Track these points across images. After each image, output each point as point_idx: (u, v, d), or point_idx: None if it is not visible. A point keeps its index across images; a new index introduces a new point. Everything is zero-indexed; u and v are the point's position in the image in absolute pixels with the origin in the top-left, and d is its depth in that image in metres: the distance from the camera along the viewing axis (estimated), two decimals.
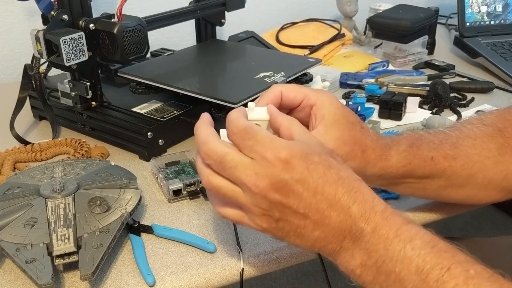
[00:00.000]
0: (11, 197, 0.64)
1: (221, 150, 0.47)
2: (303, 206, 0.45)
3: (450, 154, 0.60)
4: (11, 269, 0.59)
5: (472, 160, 0.60)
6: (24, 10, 1.18)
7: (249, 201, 0.46)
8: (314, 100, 0.54)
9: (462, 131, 0.63)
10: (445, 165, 0.59)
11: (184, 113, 0.86)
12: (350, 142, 0.54)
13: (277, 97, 0.55)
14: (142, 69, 0.92)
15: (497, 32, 1.28)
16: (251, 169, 0.45)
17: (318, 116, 0.54)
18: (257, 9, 1.44)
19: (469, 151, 0.61)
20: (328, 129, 0.53)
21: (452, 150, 0.60)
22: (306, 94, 0.55)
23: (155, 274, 0.58)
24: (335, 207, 0.45)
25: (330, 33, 1.30)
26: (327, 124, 0.53)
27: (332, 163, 0.46)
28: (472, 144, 0.61)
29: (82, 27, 0.80)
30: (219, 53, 1.02)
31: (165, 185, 0.71)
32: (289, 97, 0.55)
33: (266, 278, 1.62)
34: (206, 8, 1.00)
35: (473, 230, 1.86)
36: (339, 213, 0.45)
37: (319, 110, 0.54)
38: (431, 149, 0.59)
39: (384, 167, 0.57)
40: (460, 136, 0.62)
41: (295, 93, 0.55)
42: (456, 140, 0.61)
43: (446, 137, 0.62)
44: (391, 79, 1.08)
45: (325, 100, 0.54)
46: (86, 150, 0.82)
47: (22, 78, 0.88)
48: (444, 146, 0.60)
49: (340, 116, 0.54)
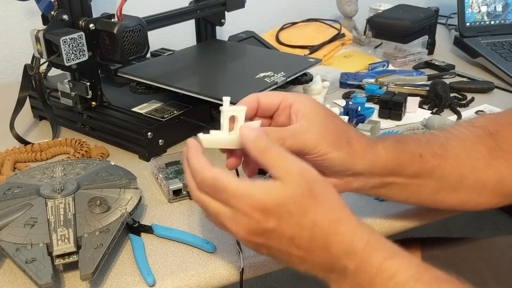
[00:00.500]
0: (11, 197, 0.64)
1: (203, 201, 0.48)
2: (285, 248, 0.47)
3: (439, 153, 0.59)
4: (11, 269, 0.59)
5: (461, 160, 0.60)
6: (24, 10, 1.18)
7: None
8: (292, 100, 0.54)
9: (451, 132, 0.62)
10: (434, 163, 0.59)
11: (184, 113, 0.86)
12: (334, 131, 0.54)
13: (253, 103, 0.54)
14: (142, 69, 0.92)
15: (497, 32, 1.28)
16: (231, 218, 0.47)
17: (299, 113, 0.53)
18: (257, 9, 1.44)
19: (458, 151, 0.60)
20: (311, 120, 0.53)
21: (440, 149, 0.59)
22: (283, 97, 0.55)
23: (155, 274, 0.58)
24: (315, 248, 0.47)
25: (330, 33, 1.30)
26: (309, 117, 0.53)
27: (308, 207, 0.46)
28: (461, 145, 0.60)
29: (82, 27, 0.80)
30: (219, 53, 1.02)
31: (165, 185, 0.71)
32: (267, 102, 0.55)
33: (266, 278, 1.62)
34: (206, 8, 1.00)
35: (473, 230, 1.86)
36: (320, 253, 0.47)
37: (299, 108, 0.53)
38: (419, 147, 0.59)
39: (373, 159, 0.56)
40: (448, 137, 0.61)
41: (271, 98, 0.55)
42: (445, 140, 0.60)
43: (434, 137, 0.61)
44: (391, 79, 1.08)
45: (303, 99, 0.54)
46: (86, 150, 0.82)
47: (22, 78, 0.88)
48: (432, 145, 0.60)
49: (321, 110, 0.54)
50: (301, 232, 0.46)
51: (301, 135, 0.52)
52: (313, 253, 0.47)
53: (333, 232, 0.46)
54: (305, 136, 0.52)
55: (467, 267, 0.73)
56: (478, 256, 0.74)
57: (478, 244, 0.77)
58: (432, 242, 0.78)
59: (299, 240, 0.46)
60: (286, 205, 0.46)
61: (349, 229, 0.47)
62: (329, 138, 0.53)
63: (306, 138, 0.52)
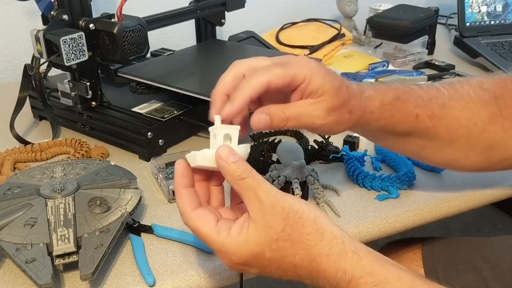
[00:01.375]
0: (11, 197, 0.64)
1: (202, 233, 0.48)
2: (278, 278, 0.48)
3: (437, 114, 0.58)
4: (11, 269, 0.59)
5: (458, 123, 0.59)
6: (24, 10, 1.18)
7: None
8: (301, 80, 0.51)
9: (457, 91, 0.61)
10: (429, 124, 0.58)
11: (184, 113, 0.86)
12: (338, 107, 0.53)
13: (263, 88, 0.50)
14: (142, 69, 0.92)
15: (497, 32, 1.28)
16: (221, 257, 0.48)
17: (304, 93, 0.52)
18: (257, 9, 1.44)
19: (458, 113, 0.59)
20: (316, 101, 0.52)
21: (439, 110, 0.59)
22: (294, 76, 0.51)
23: (155, 274, 0.58)
24: (305, 281, 0.47)
25: (330, 33, 1.30)
26: (315, 97, 0.52)
27: (285, 251, 0.46)
28: (463, 106, 0.59)
29: (82, 27, 0.80)
30: (219, 53, 1.02)
31: (165, 185, 0.71)
32: (277, 85, 0.50)
33: (266, 278, 1.62)
34: (206, 8, 1.00)
35: (473, 230, 1.86)
36: (312, 284, 0.47)
37: (305, 88, 0.52)
38: (417, 106, 0.58)
39: (369, 120, 0.56)
40: (453, 96, 0.60)
41: (283, 80, 0.51)
42: (448, 100, 0.59)
43: (438, 94, 0.60)
44: (391, 79, 1.08)
45: (312, 74, 0.51)
46: (86, 150, 0.81)
47: (22, 78, 0.88)
48: (433, 105, 0.59)
49: (329, 85, 0.52)
50: (286, 273, 0.47)
51: (306, 116, 0.52)
52: (306, 282, 0.48)
53: (316, 270, 0.46)
54: (310, 116, 0.52)
55: (467, 267, 0.73)
56: (478, 256, 0.74)
57: (478, 244, 0.77)
58: (432, 242, 0.78)
59: (287, 277, 0.48)
60: (263, 253, 0.46)
61: (331, 265, 0.45)
62: (333, 116, 0.53)
63: (311, 119, 0.52)
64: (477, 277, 0.72)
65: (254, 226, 0.46)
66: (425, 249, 0.78)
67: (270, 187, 0.46)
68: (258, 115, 0.51)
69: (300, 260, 0.46)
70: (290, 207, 0.46)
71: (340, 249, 0.45)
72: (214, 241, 0.47)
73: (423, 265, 0.76)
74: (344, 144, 0.82)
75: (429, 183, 0.74)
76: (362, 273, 0.45)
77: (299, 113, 0.52)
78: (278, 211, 0.45)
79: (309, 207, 0.47)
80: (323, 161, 0.80)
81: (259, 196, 0.45)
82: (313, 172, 0.70)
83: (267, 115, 0.51)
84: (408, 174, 0.72)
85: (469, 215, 1.89)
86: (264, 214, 0.45)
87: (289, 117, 0.52)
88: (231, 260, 0.47)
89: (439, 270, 0.74)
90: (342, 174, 0.77)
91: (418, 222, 0.68)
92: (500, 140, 0.60)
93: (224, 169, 0.46)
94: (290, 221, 0.45)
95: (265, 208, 0.45)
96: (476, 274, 0.72)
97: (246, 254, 0.46)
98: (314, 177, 0.69)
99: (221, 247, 0.46)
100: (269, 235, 0.45)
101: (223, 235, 0.46)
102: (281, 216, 0.45)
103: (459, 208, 0.71)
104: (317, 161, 0.81)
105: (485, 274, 0.71)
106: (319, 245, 0.45)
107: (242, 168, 0.46)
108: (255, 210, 0.45)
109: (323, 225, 0.46)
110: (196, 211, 0.48)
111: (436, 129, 0.59)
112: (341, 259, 0.45)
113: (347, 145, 0.81)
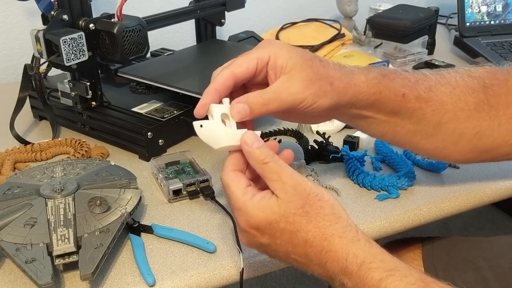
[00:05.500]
0: (11, 197, 0.64)
1: (231, 189, 0.51)
2: (284, 257, 0.51)
3: (424, 96, 0.58)
4: (11, 269, 0.59)
5: (445, 107, 0.59)
6: (24, 10, 1.18)
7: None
8: (266, 56, 0.53)
9: (444, 77, 0.61)
10: (416, 106, 0.58)
11: (184, 113, 0.86)
12: (316, 78, 0.53)
13: (228, 82, 0.53)
14: (142, 69, 0.92)
15: (497, 32, 1.28)
16: (235, 221, 0.53)
17: (277, 68, 0.52)
18: (257, 9, 1.44)
19: (444, 98, 0.59)
20: (291, 75, 0.52)
21: (426, 92, 0.59)
22: (257, 56, 0.53)
23: (155, 274, 0.58)
24: (311, 263, 0.49)
25: (330, 33, 1.30)
26: (287, 71, 0.52)
27: (300, 225, 0.48)
28: (450, 91, 0.59)
29: (82, 27, 0.80)
30: (219, 53, 1.02)
31: (165, 185, 0.71)
32: (243, 72, 0.53)
33: (266, 278, 1.62)
34: (206, 8, 1.00)
35: (473, 230, 1.86)
36: (317, 268, 0.49)
37: (275, 62, 0.52)
38: (404, 85, 0.58)
39: (355, 93, 0.56)
40: (440, 81, 0.60)
41: (247, 65, 0.53)
42: (434, 84, 0.59)
43: (424, 78, 0.60)
44: None
45: (277, 50, 0.53)
46: (86, 150, 0.82)
47: (22, 78, 0.88)
48: (419, 86, 0.59)
49: (297, 58, 0.53)
50: (295, 249, 0.48)
51: (285, 93, 0.52)
52: (312, 266, 0.49)
53: (326, 249, 0.47)
54: (289, 93, 0.52)
55: (467, 267, 0.73)
56: (478, 256, 0.74)
57: (478, 244, 0.77)
58: (432, 242, 0.78)
59: (295, 255, 0.49)
60: (278, 223, 0.48)
61: (342, 247, 0.47)
62: (313, 87, 0.53)
63: (291, 95, 0.52)
64: (477, 277, 0.72)
65: (275, 198, 0.48)
66: (425, 249, 0.78)
67: (292, 171, 0.49)
68: (235, 105, 0.52)
69: (312, 236, 0.47)
70: (311, 189, 0.48)
71: (353, 235, 0.48)
72: (237, 199, 0.49)
73: (423, 264, 0.76)
74: (344, 144, 0.82)
75: (429, 183, 0.74)
76: (373, 259, 0.47)
77: (278, 91, 0.52)
78: (299, 191, 0.48)
79: (329, 194, 0.50)
80: (323, 161, 0.80)
81: (282, 178, 0.48)
82: (313, 172, 0.70)
83: (245, 103, 0.52)
84: (408, 174, 0.73)
85: (469, 215, 1.89)
86: (286, 192, 0.48)
87: (269, 100, 0.52)
88: (247, 221, 0.49)
89: (439, 270, 0.74)
90: (342, 174, 0.77)
91: (418, 222, 0.69)
92: (487, 128, 0.60)
93: (248, 153, 0.50)
94: (310, 201, 0.48)
95: (287, 187, 0.48)
96: (476, 274, 0.72)
97: (261, 219, 0.48)
98: (314, 177, 0.69)
99: (241, 206, 0.49)
100: (288, 208, 0.48)
101: (247, 197, 0.49)
102: (301, 196, 0.48)
103: (459, 208, 0.71)
104: (317, 161, 0.81)
105: (485, 274, 0.71)
106: (333, 226, 0.48)
107: (265, 153, 0.49)
108: (278, 189, 0.48)
109: (340, 211, 0.49)
110: (235, 171, 0.51)
111: (423, 111, 0.59)
112: (353, 244, 0.47)
113: (347, 145, 0.81)
